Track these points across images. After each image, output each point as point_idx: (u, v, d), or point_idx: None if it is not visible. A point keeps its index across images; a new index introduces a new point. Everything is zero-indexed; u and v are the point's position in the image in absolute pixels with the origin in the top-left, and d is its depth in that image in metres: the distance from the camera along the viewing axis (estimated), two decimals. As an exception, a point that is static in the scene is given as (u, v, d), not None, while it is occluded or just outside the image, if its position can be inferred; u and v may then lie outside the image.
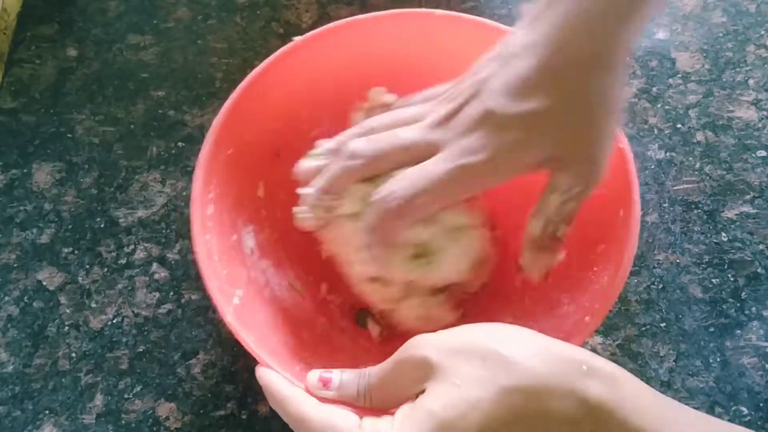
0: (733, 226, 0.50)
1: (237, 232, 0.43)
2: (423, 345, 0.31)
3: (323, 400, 0.34)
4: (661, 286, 0.48)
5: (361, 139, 0.38)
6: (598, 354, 0.45)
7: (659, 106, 0.55)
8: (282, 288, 0.45)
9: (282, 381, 0.35)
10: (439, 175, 0.34)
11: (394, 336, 0.46)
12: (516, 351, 0.29)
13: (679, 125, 0.54)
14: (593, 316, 0.37)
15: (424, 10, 0.46)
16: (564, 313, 0.41)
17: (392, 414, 0.31)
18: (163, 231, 0.51)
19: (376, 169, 0.38)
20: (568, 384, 0.28)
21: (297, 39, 0.45)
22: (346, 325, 0.46)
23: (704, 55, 0.58)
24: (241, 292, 0.40)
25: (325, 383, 0.34)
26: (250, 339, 0.36)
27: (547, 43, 0.33)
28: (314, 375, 0.35)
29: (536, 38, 0.34)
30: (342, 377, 0.34)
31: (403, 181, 0.35)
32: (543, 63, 0.33)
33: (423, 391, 0.30)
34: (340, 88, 0.48)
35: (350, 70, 0.47)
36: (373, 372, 0.33)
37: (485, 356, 0.29)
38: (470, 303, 0.47)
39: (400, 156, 0.36)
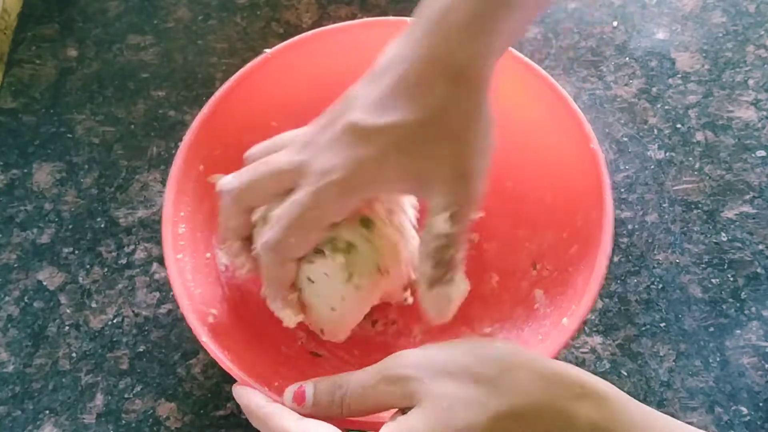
0: (732, 226, 0.50)
1: (211, 249, 0.43)
2: (408, 364, 0.30)
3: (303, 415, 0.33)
4: (660, 286, 0.48)
5: (229, 176, 0.37)
6: (598, 354, 0.46)
7: (659, 106, 0.55)
8: (258, 304, 0.45)
9: (260, 398, 0.34)
10: (300, 209, 0.34)
11: (374, 348, 0.46)
12: (507, 373, 0.29)
13: (678, 125, 0.54)
14: (571, 318, 0.36)
15: (395, 18, 0.46)
16: (542, 314, 0.41)
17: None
18: (164, 231, 0.51)
19: (251, 202, 0.36)
20: (560, 407, 0.28)
21: (268, 51, 0.45)
22: (326, 338, 0.46)
23: (704, 55, 0.58)
24: (215, 311, 0.39)
25: (299, 400, 0.33)
26: (225, 357, 0.36)
27: (412, 56, 0.33)
28: (289, 393, 0.34)
29: (403, 51, 0.33)
30: (317, 388, 0.33)
31: (274, 225, 0.34)
32: (406, 76, 0.33)
33: (404, 410, 0.30)
34: (311, 98, 0.47)
35: (321, 81, 0.47)
36: (351, 384, 0.32)
37: (475, 378, 0.29)
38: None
39: (272, 184, 0.35)
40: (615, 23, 0.59)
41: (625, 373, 0.45)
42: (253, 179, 0.36)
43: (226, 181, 0.37)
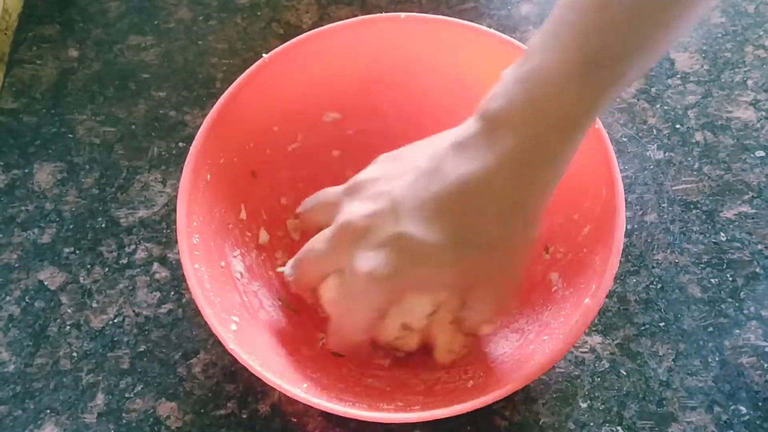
0: (731, 226, 0.50)
1: (225, 257, 0.43)
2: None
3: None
4: (660, 285, 0.48)
5: (288, 264, 0.42)
6: (598, 354, 0.46)
7: (658, 106, 0.55)
8: (276, 308, 0.45)
9: None
10: (352, 311, 0.38)
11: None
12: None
13: (678, 125, 0.54)
14: (593, 298, 0.36)
15: (389, 14, 0.46)
16: (561, 297, 0.41)
17: None
18: (164, 231, 0.51)
19: (309, 284, 0.41)
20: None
21: (266, 56, 0.45)
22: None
23: (703, 55, 0.58)
24: (237, 318, 0.40)
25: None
26: (255, 363, 0.36)
27: (469, 177, 0.34)
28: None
29: (462, 166, 0.34)
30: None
31: (335, 313, 0.40)
32: (462, 198, 0.34)
33: None
34: (311, 100, 0.48)
35: (320, 82, 0.47)
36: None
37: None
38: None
39: (317, 273, 0.40)
40: (614, 24, 0.59)
41: (625, 373, 0.45)
42: (300, 271, 0.41)
43: (288, 273, 0.42)
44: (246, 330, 0.40)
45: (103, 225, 0.51)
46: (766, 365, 0.45)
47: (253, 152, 0.46)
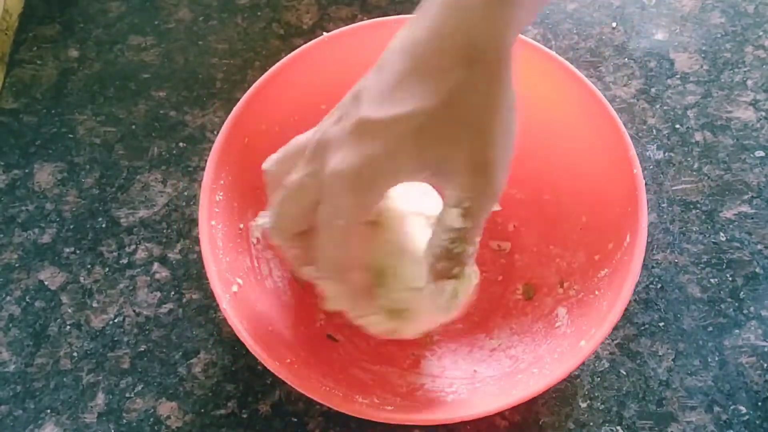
0: (731, 226, 0.50)
1: (245, 220, 0.43)
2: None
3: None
4: (659, 285, 0.48)
5: (260, 216, 0.38)
6: (597, 354, 0.46)
7: (658, 106, 0.55)
8: (284, 279, 0.45)
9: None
10: (327, 221, 0.32)
11: (390, 340, 0.46)
12: None
13: (677, 126, 0.55)
14: (588, 342, 0.37)
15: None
16: (562, 333, 0.41)
17: None
18: (165, 231, 0.51)
19: (291, 230, 0.35)
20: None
21: (326, 35, 0.45)
22: (344, 323, 0.46)
23: (703, 55, 0.58)
24: (241, 281, 0.40)
25: None
26: (242, 326, 0.36)
27: (422, 40, 0.30)
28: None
29: (414, 33, 0.31)
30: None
31: (319, 243, 0.33)
32: (418, 59, 0.31)
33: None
34: None
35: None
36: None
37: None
38: (469, 313, 0.47)
39: (300, 209, 0.34)
40: (614, 24, 0.59)
41: (624, 373, 0.45)
42: (281, 213, 0.35)
43: (262, 223, 0.37)
44: (247, 294, 0.40)
45: (104, 225, 0.52)
46: (765, 365, 0.45)
47: (297, 125, 0.45)
